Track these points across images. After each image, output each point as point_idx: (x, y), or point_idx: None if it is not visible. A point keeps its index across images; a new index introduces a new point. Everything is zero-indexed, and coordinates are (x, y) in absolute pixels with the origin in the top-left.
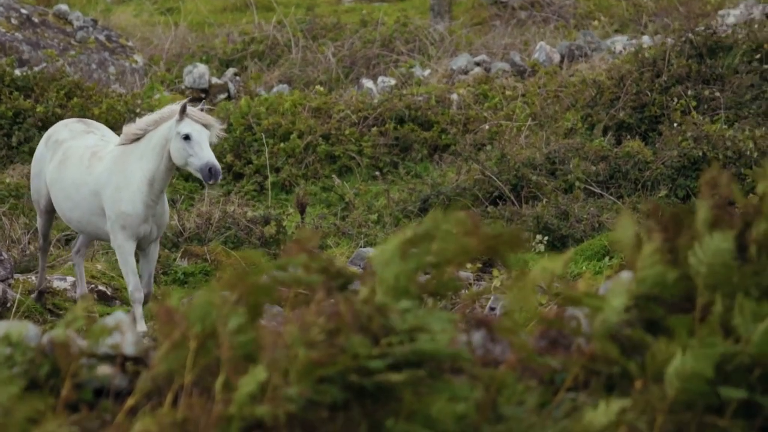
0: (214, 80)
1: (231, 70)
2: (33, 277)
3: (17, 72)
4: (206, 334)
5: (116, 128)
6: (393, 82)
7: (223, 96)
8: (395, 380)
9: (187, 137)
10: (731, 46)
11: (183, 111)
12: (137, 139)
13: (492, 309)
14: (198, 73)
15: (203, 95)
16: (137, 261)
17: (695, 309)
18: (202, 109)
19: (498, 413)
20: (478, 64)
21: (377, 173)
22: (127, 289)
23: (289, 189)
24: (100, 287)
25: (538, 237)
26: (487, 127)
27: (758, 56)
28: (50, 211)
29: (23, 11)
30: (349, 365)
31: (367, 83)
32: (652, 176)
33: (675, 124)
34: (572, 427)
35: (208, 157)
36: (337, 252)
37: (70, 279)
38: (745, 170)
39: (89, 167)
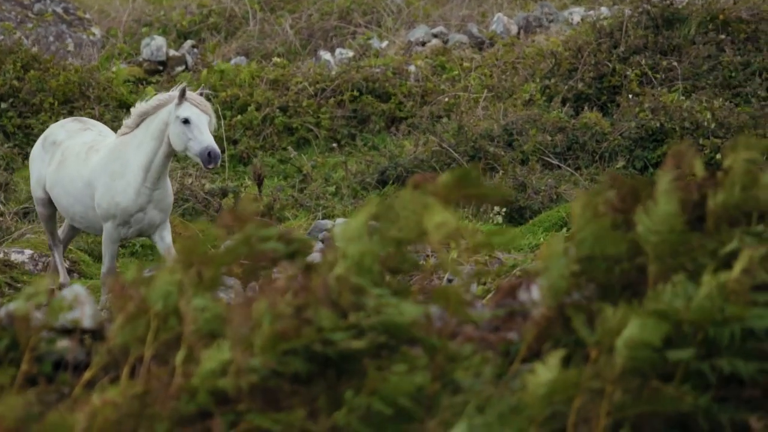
0: (172, 52)
1: (189, 42)
2: None
3: None
4: (168, 311)
5: (73, 101)
6: (350, 54)
7: (180, 68)
8: (356, 346)
9: (186, 121)
10: (687, 16)
11: (182, 95)
12: (136, 127)
13: (450, 281)
14: (155, 45)
15: (161, 68)
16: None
17: (648, 281)
18: (201, 94)
19: (456, 385)
20: (435, 35)
21: (335, 145)
22: (84, 262)
23: (247, 161)
24: None
25: (496, 209)
26: (444, 99)
27: (713, 28)
28: (53, 212)
29: None
30: (314, 338)
31: (325, 55)
32: (609, 147)
33: (632, 96)
34: (526, 398)
35: (208, 141)
36: (295, 224)
37: (28, 252)
38: (702, 141)
39: (86, 160)
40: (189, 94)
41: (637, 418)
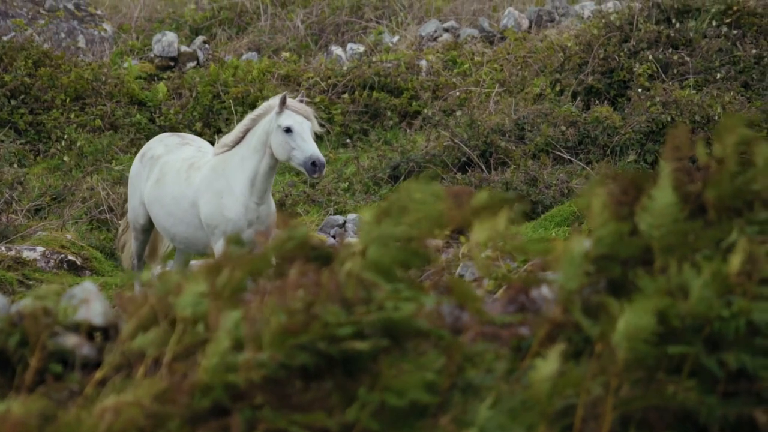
0: (183, 48)
1: (200, 38)
2: (2, 248)
3: None
4: (196, 318)
5: (85, 97)
6: (362, 48)
7: (192, 64)
8: (360, 347)
9: (288, 130)
10: (700, 9)
11: (283, 103)
12: (236, 143)
13: (461, 275)
14: (167, 41)
15: (172, 63)
16: None
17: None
18: (301, 101)
19: (467, 381)
20: (446, 30)
21: (347, 140)
22: (97, 259)
23: None
24: (70, 257)
25: None
26: (456, 93)
27: (728, 21)
28: (148, 231)
29: None
30: (319, 333)
31: (336, 50)
32: (620, 141)
33: (643, 90)
34: (534, 394)
35: (312, 150)
36: (306, 220)
37: (40, 249)
38: (713, 135)
39: (187, 179)
40: (289, 101)
41: (645, 414)
